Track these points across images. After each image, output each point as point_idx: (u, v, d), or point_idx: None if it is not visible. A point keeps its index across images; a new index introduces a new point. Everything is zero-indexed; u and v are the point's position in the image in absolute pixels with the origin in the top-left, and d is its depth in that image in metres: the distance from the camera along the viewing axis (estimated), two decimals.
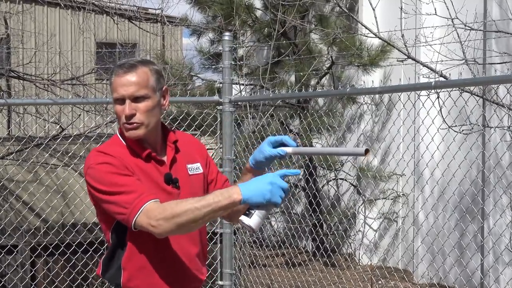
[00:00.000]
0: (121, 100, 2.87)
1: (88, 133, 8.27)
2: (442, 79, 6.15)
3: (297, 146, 2.90)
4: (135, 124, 2.87)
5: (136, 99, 2.85)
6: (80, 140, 6.90)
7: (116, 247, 2.89)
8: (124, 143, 2.91)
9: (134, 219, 2.69)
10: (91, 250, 6.28)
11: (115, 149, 2.88)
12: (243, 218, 2.62)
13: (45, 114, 9.93)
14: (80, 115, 9.52)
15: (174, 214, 2.63)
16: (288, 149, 2.87)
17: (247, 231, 2.68)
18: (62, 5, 9.76)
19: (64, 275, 6.35)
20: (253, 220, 2.61)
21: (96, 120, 9.62)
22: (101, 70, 11.09)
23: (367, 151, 2.59)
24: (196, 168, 3.05)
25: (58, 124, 9.12)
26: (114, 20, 9.54)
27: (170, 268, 2.92)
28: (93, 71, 11.84)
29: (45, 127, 10.00)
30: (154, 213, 2.67)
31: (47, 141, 7.82)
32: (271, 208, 2.63)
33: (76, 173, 7.43)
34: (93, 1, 9.05)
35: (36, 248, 6.36)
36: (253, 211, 2.60)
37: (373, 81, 8.42)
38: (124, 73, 2.86)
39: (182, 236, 2.92)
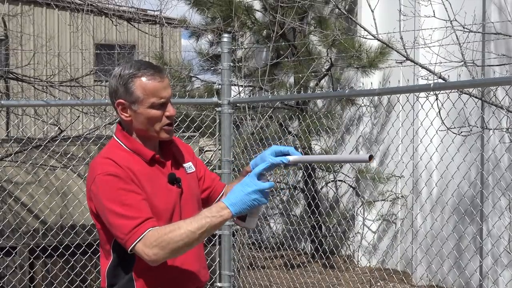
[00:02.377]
0: (162, 104, 2.84)
1: (87, 134, 8.27)
2: (441, 81, 6.15)
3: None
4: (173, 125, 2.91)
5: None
6: (79, 142, 6.90)
7: (123, 257, 2.82)
8: (126, 147, 2.86)
9: (132, 246, 2.69)
10: (89, 251, 6.27)
11: (120, 154, 2.82)
12: (238, 222, 2.78)
13: (44, 116, 9.93)
14: (78, 116, 9.53)
15: (170, 241, 2.65)
16: (291, 157, 2.88)
17: (245, 229, 2.89)
18: (61, 6, 9.75)
19: (62, 276, 6.35)
20: (248, 222, 2.77)
21: (95, 122, 9.62)
22: (100, 71, 11.09)
23: (371, 157, 2.62)
24: (189, 167, 3.04)
25: (57, 126, 9.12)
26: (112, 22, 9.54)
27: (182, 269, 2.90)
28: (91, 72, 11.84)
29: (43, 128, 9.99)
30: (151, 242, 2.67)
31: (46, 143, 7.82)
32: (261, 207, 2.76)
33: (75, 175, 7.44)
34: (92, 3, 9.04)
35: (34, 250, 6.35)
36: (246, 215, 2.75)
37: (372, 83, 8.44)
38: (161, 76, 2.84)
39: None
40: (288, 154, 2.91)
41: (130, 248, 2.69)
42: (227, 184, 3.27)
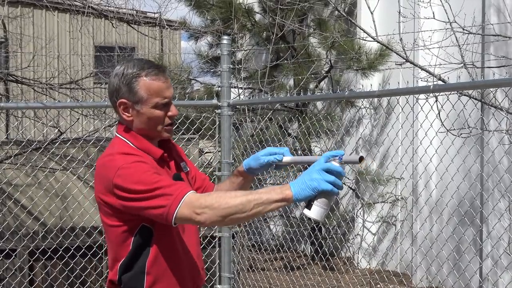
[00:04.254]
0: (165, 104, 2.83)
1: (86, 137, 8.27)
2: (440, 82, 6.15)
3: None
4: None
5: None
6: (79, 144, 6.90)
7: (138, 251, 2.80)
8: (134, 146, 2.84)
9: (177, 209, 2.59)
10: (89, 254, 6.27)
11: (135, 152, 2.80)
12: (305, 211, 2.57)
13: (44, 118, 9.93)
14: (78, 119, 9.52)
15: (221, 204, 2.55)
16: (285, 158, 2.87)
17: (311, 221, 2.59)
18: (61, 9, 9.76)
19: (62, 279, 6.34)
20: (313, 211, 2.55)
21: (94, 124, 9.62)
22: (100, 74, 11.09)
23: (361, 159, 2.58)
24: (184, 166, 3.05)
25: (57, 128, 9.11)
26: (112, 24, 9.54)
27: (188, 270, 2.92)
28: (91, 75, 11.85)
29: (43, 130, 9.99)
30: (199, 201, 2.58)
31: (46, 145, 7.82)
32: (331, 195, 2.54)
33: (75, 177, 7.44)
34: (92, 5, 9.05)
35: (34, 252, 6.35)
36: (312, 203, 2.54)
37: (371, 85, 8.45)
38: (165, 76, 2.84)
39: (192, 235, 2.94)
40: (282, 155, 2.93)
41: (176, 210, 2.59)
42: (217, 184, 3.28)
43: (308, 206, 2.55)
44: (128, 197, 2.68)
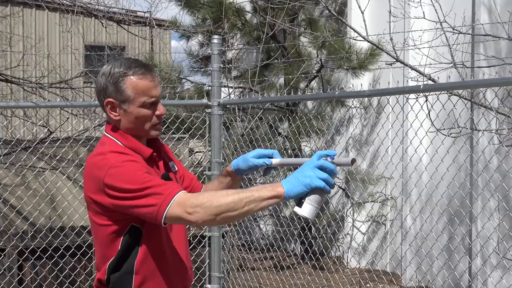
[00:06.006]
0: (152, 103, 2.83)
1: (76, 136, 8.24)
2: (430, 82, 6.16)
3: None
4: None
5: None
6: (68, 144, 6.88)
7: (127, 251, 2.79)
8: (123, 145, 2.82)
9: (167, 209, 2.57)
10: (79, 253, 6.25)
11: (125, 151, 2.79)
12: (296, 209, 2.56)
13: (33, 117, 9.89)
14: (68, 118, 9.50)
15: (213, 202, 2.53)
16: (274, 160, 2.87)
17: (302, 218, 2.59)
18: (51, 8, 9.73)
19: (51, 278, 6.32)
20: (304, 208, 2.54)
21: (84, 124, 9.60)
22: (90, 73, 11.06)
23: (353, 161, 2.58)
24: (172, 166, 3.04)
25: (46, 127, 9.08)
26: (102, 24, 9.50)
27: (176, 269, 2.91)
28: (81, 74, 11.81)
29: (33, 130, 9.96)
30: (191, 201, 2.56)
31: (35, 144, 7.80)
32: (322, 193, 2.53)
33: (64, 177, 7.41)
34: (82, 4, 9.02)
35: (23, 252, 6.33)
36: (303, 200, 2.53)
37: (362, 84, 8.47)
38: (152, 75, 2.82)
39: (181, 235, 2.93)
40: (272, 157, 2.93)
41: (167, 209, 2.58)
42: (205, 184, 3.28)
43: (299, 204, 2.54)
44: (118, 196, 2.67)
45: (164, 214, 2.59)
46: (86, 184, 2.80)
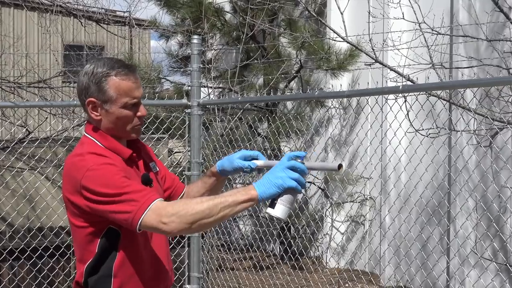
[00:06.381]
0: (134, 104, 2.81)
1: (55, 136, 8.19)
2: (409, 83, 6.19)
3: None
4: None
5: None
6: (47, 144, 6.84)
7: (104, 254, 2.77)
8: (102, 146, 2.81)
9: (142, 217, 2.56)
10: (57, 254, 6.22)
11: (104, 152, 2.77)
12: (268, 210, 2.57)
13: (12, 117, 9.83)
14: (47, 118, 9.45)
15: (188, 210, 2.52)
16: (259, 162, 2.87)
17: (275, 221, 2.64)
18: (30, 7, 9.67)
19: (29, 279, 6.29)
20: (277, 209, 2.56)
21: (63, 124, 9.55)
22: (69, 73, 11.01)
23: (340, 166, 2.60)
24: (153, 166, 3.03)
25: (25, 127, 9.03)
26: (81, 23, 9.47)
27: (156, 271, 2.89)
28: (60, 74, 11.75)
29: (11, 130, 9.90)
30: (166, 210, 2.55)
31: (13, 144, 7.74)
32: (294, 193, 2.56)
33: (43, 177, 7.37)
34: (61, 4, 8.98)
35: (1, 252, 6.29)
36: (276, 201, 2.55)
37: (341, 85, 8.49)
38: (135, 76, 2.81)
39: (162, 236, 2.89)
40: (256, 159, 2.93)
41: (141, 218, 2.56)
42: (188, 185, 3.27)
43: (272, 205, 2.57)
44: (94, 199, 2.65)
45: (139, 222, 2.58)
46: (64, 184, 2.78)
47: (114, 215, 2.64)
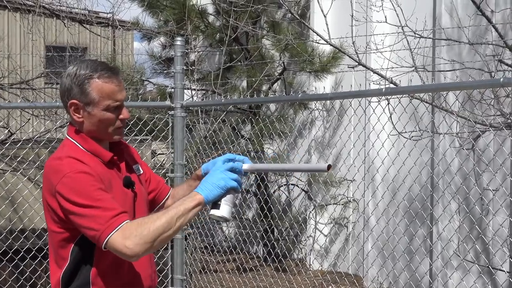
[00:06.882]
0: (116, 107, 2.80)
1: (37, 137, 8.15)
2: (392, 86, 6.21)
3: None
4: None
5: None
6: (30, 145, 6.81)
7: (80, 261, 2.74)
8: (83, 148, 2.79)
9: (107, 238, 2.56)
10: (40, 256, 6.19)
11: (84, 156, 2.75)
12: (213, 211, 2.67)
13: None
14: (29, 119, 9.40)
15: (150, 229, 2.54)
16: (245, 166, 2.88)
17: (221, 222, 2.73)
18: (12, 8, 9.63)
19: (12, 281, 6.25)
20: (222, 209, 2.68)
21: (45, 125, 9.50)
22: (51, 74, 10.96)
23: (329, 167, 2.62)
24: (137, 169, 3.02)
25: (7, 129, 8.98)
26: (64, 24, 9.43)
27: (136, 275, 2.86)
28: (42, 75, 11.70)
29: None
30: (131, 232, 2.55)
31: None
32: (235, 192, 2.70)
33: (25, 178, 7.33)
34: (44, 4, 8.94)
35: None
36: (219, 202, 2.67)
37: (324, 87, 8.50)
38: (118, 78, 2.80)
39: None
40: (242, 162, 2.92)
41: (107, 239, 2.56)
42: (173, 188, 3.26)
43: (216, 207, 2.68)
44: (66, 207, 2.64)
45: (104, 243, 2.58)
46: (43, 186, 2.77)
47: (81, 229, 2.65)
